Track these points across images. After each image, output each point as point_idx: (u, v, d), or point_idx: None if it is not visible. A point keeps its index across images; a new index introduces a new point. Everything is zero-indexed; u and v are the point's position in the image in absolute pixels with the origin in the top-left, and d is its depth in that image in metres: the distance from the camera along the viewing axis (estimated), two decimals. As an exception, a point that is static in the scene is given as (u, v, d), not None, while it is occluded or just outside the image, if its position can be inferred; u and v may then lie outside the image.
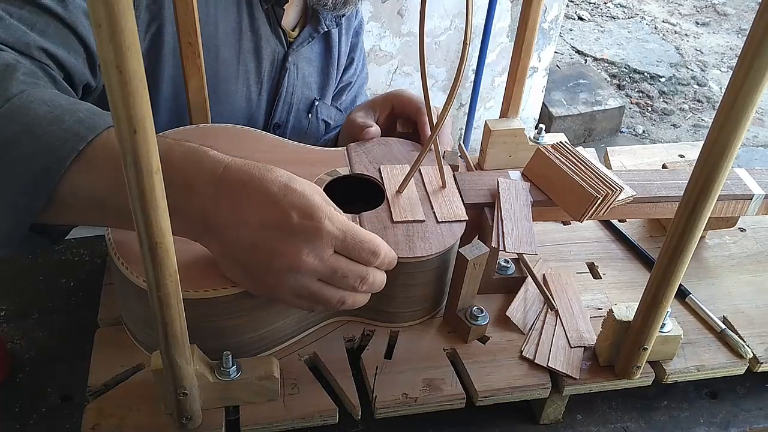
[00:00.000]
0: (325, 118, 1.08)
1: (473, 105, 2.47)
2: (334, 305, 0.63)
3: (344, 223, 0.60)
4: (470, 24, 0.64)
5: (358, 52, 1.14)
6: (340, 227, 0.59)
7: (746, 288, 0.84)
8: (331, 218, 0.59)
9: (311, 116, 1.05)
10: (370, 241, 0.61)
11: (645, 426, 0.73)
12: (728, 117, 0.50)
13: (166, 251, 0.46)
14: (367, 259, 0.61)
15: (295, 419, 0.64)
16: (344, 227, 0.60)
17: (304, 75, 1.01)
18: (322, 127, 1.08)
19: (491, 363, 0.71)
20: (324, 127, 1.09)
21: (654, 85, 3.60)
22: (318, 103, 1.05)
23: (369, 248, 0.61)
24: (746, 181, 0.83)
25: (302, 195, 0.59)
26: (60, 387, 0.70)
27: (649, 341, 0.67)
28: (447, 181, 0.77)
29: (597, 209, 0.75)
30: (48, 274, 0.83)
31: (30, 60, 0.68)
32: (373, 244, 0.61)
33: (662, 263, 0.61)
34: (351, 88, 1.15)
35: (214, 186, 0.58)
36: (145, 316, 0.66)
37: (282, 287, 0.60)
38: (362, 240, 0.61)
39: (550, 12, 2.50)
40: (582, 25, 4.09)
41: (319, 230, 0.58)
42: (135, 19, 0.36)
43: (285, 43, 0.96)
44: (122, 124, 0.39)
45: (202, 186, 0.58)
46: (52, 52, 0.70)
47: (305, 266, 0.59)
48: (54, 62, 0.71)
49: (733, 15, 4.32)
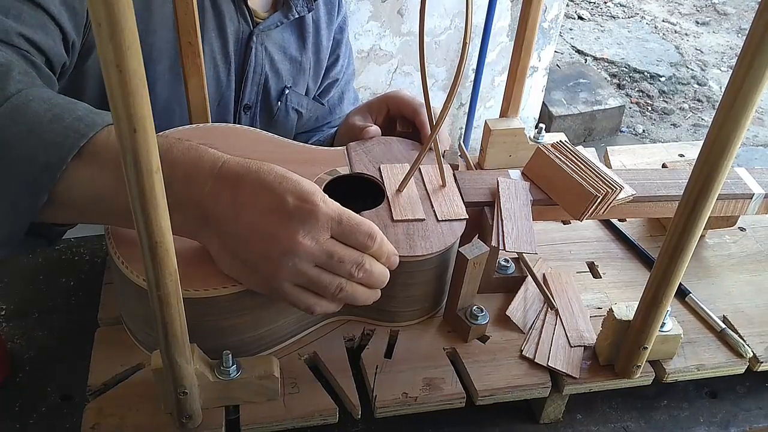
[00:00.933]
0: (296, 106, 1.07)
1: (473, 104, 2.47)
2: (333, 293, 0.62)
3: (339, 207, 0.61)
4: (470, 23, 0.64)
5: (343, 48, 1.14)
6: (335, 210, 0.60)
7: (746, 287, 0.84)
8: (326, 202, 0.60)
9: (280, 104, 1.04)
10: (366, 225, 0.62)
11: (645, 425, 0.73)
12: (728, 116, 0.50)
13: (166, 250, 0.46)
14: (364, 242, 0.62)
15: (295, 419, 0.64)
16: (339, 210, 0.61)
17: (273, 60, 1.00)
18: (293, 116, 1.08)
19: (491, 362, 0.71)
20: (296, 117, 1.08)
21: (654, 85, 3.60)
22: (288, 92, 1.04)
23: (365, 231, 0.61)
24: (746, 181, 0.83)
25: (297, 182, 0.60)
26: (60, 386, 0.70)
27: (649, 340, 0.67)
28: (447, 180, 0.77)
29: (597, 208, 0.75)
30: (48, 273, 0.83)
31: (11, 48, 0.68)
32: (369, 227, 0.62)
33: (662, 262, 0.61)
34: (338, 84, 1.16)
35: (213, 180, 0.59)
36: (145, 316, 0.66)
37: (280, 274, 0.60)
38: (358, 223, 0.61)
39: (550, 11, 2.50)
40: (582, 24, 4.09)
41: (315, 212, 0.59)
42: (135, 18, 0.37)
43: (251, 22, 0.95)
44: (122, 123, 0.39)
45: (201, 180, 0.59)
46: (30, 37, 0.71)
47: (301, 248, 0.59)
48: (34, 47, 0.71)
49: (733, 14, 4.32)
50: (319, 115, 1.16)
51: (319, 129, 1.17)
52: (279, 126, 1.06)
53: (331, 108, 1.17)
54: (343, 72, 1.16)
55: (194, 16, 0.78)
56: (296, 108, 1.07)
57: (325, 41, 1.08)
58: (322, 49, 1.08)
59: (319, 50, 1.08)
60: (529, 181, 0.79)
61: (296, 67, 1.05)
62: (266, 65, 0.99)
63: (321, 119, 1.17)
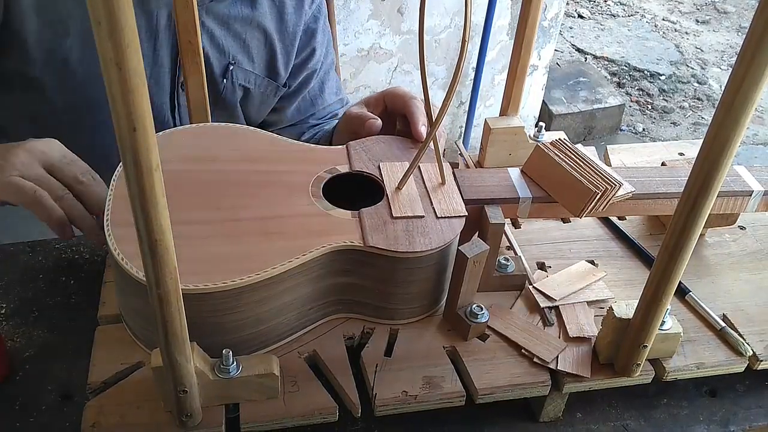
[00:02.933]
0: (243, 83, 1.07)
1: (473, 103, 2.47)
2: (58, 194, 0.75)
3: None
4: (469, 22, 0.64)
5: (319, 36, 1.13)
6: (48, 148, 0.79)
7: (746, 286, 0.84)
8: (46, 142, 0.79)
9: (226, 81, 1.04)
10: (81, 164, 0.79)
11: (644, 424, 0.73)
12: (728, 114, 0.50)
13: (165, 248, 0.46)
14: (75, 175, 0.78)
15: (295, 417, 0.64)
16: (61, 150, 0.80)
17: (214, 36, 1.00)
18: (239, 92, 1.07)
19: (491, 361, 0.71)
20: (242, 93, 1.08)
21: (654, 83, 3.60)
22: (233, 68, 1.04)
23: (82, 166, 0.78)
24: (745, 178, 0.83)
25: None
26: (60, 385, 0.70)
27: (648, 339, 0.67)
28: (446, 178, 0.77)
29: (596, 205, 0.75)
30: (48, 272, 0.83)
31: None
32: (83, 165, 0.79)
33: (662, 261, 0.61)
34: (317, 74, 1.15)
35: None
36: (144, 313, 0.66)
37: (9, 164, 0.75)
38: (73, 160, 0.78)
39: (550, 10, 2.49)
40: (582, 23, 4.09)
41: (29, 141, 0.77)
42: (134, 16, 0.36)
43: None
44: (121, 121, 0.39)
45: None
46: None
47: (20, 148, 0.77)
48: None
49: (733, 13, 4.32)
50: (301, 106, 1.16)
51: (303, 121, 1.17)
52: (227, 103, 1.06)
53: (312, 99, 1.17)
54: (321, 62, 1.15)
55: (194, 15, 0.78)
56: (243, 84, 1.07)
57: (292, 27, 1.07)
58: (287, 34, 1.07)
59: (284, 36, 1.07)
60: (528, 178, 0.79)
61: (241, 44, 1.04)
62: (205, 41, 0.98)
63: (304, 110, 1.17)
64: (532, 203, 0.77)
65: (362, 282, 0.71)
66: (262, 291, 0.64)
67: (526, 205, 0.77)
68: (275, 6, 1.05)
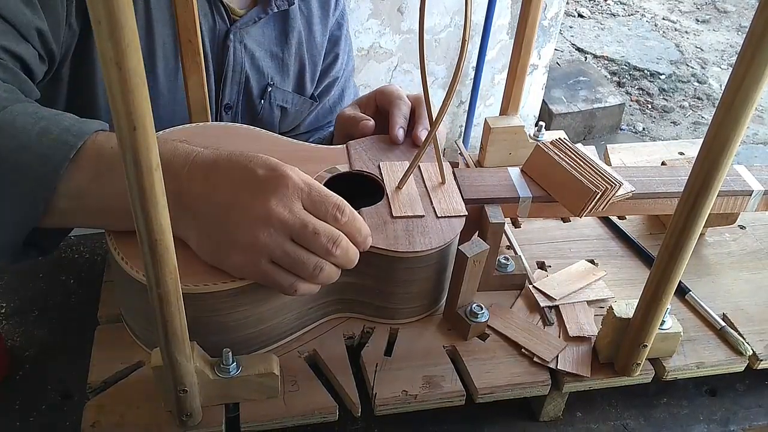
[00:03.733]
0: (281, 103, 1.06)
1: (473, 102, 2.47)
2: (311, 272, 0.62)
3: (308, 178, 0.63)
4: (469, 21, 0.64)
5: (342, 44, 1.12)
6: (304, 179, 0.62)
7: (746, 285, 0.84)
8: (295, 170, 0.62)
9: (264, 102, 1.03)
10: (336, 197, 0.63)
11: (644, 423, 0.74)
12: (728, 114, 0.50)
13: (166, 248, 0.46)
14: (334, 214, 0.62)
15: (295, 416, 0.64)
16: (308, 180, 0.63)
17: (254, 57, 0.99)
18: (277, 113, 1.06)
19: (491, 360, 0.71)
20: (279, 113, 1.07)
21: (654, 83, 3.60)
22: (271, 89, 1.03)
23: (334, 202, 0.63)
24: (745, 178, 0.83)
25: (266, 158, 0.62)
26: (60, 384, 0.70)
27: (648, 338, 0.67)
28: (446, 177, 0.77)
29: (596, 204, 0.75)
30: (48, 271, 0.83)
31: None
32: (338, 199, 0.63)
33: (662, 260, 0.61)
34: (338, 82, 1.14)
35: (188, 166, 0.62)
36: (145, 312, 0.66)
37: (256, 249, 0.60)
38: (327, 194, 0.63)
39: (550, 9, 2.49)
40: (582, 22, 4.09)
41: (284, 178, 0.61)
42: (134, 16, 0.37)
43: (227, 19, 0.93)
44: (122, 121, 0.39)
45: (176, 167, 0.62)
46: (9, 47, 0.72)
47: (275, 216, 0.60)
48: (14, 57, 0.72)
49: (733, 12, 4.32)
50: (320, 114, 1.14)
51: (320, 128, 1.16)
52: (264, 123, 1.05)
53: (331, 106, 1.15)
54: (343, 69, 1.14)
55: (194, 15, 0.78)
56: (281, 105, 1.06)
57: (319, 37, 1.06)
58: (315, 45, 1.06)
59: (312, 47, 1.06)
60: (528, 178, 0.79)
61: (278, 64, 1.03)
62: (246, 63, 0.98)
63: (321, 118, 1.15)
64: (532, 203, 0.77)
65: (362, 281, 0.71)
66: (262, 291, 0.64)
67: (526, 204, 0.77)
68: (304, 16, 1.03)
